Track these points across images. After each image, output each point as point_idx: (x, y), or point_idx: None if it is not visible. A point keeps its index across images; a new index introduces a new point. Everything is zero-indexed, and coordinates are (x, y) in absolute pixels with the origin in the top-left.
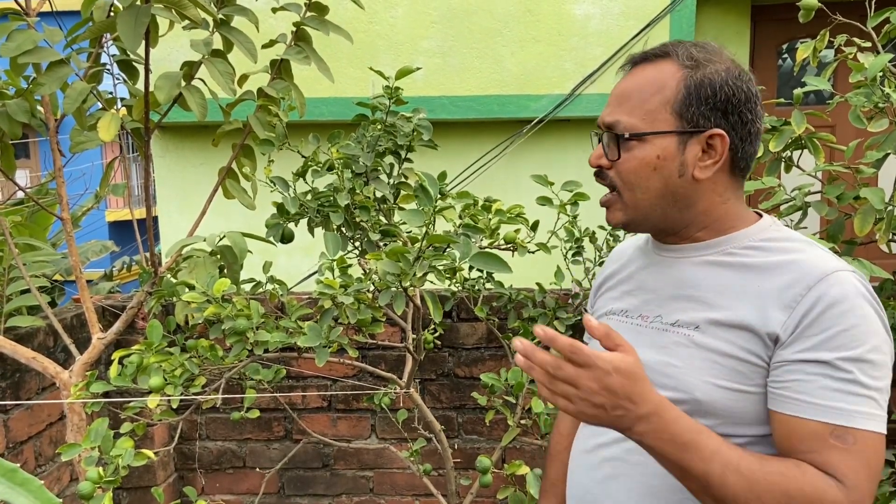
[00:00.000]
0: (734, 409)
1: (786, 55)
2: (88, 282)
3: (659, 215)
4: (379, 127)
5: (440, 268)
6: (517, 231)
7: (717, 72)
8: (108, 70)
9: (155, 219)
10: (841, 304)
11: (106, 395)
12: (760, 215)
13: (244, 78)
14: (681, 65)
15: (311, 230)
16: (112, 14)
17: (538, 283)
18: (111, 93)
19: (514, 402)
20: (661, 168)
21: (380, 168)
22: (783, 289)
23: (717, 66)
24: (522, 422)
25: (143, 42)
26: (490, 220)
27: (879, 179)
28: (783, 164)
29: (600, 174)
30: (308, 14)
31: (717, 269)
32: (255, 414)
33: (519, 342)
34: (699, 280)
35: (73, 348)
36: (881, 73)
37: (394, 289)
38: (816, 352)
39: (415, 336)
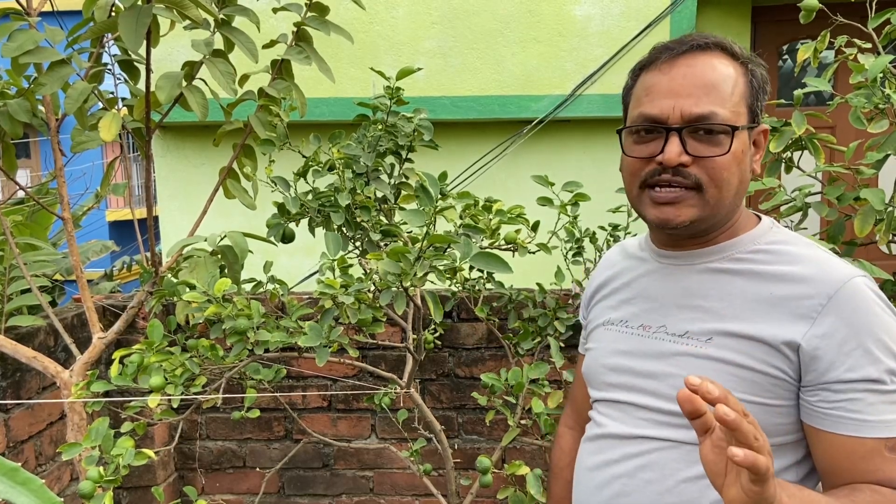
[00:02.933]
0: None
1: (786, 56)
2: (89, 281)
3: (725, 213)
4: (380, 127)
5: (441, 268)
6: (518, 231)
7: (761, 66)
8: (110, 70)
9: (156, 218)
10: (866, 315)
11: (106, 394)
12: (759, 217)
13: (245, 78)
14: (736, 57)
15: (311, 230)
16: (113, 14)
17: (539, 284)
18: (112, 93)
19: (514, 402)
20: (741, 163)
21: (381, 168)
22: (799, 298)
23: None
24: (522, 422)
25: (145, 42)
26: (491, 220)
27: (880, 180)
28: (783, 164)
29: (678, 173)
30: (309, 14)
31: (725, 277)
32: (256, 414)
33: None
34: (706, 289)
35: (73, 348)
36: (881, 75)
37: (394, 289)
38: (862, 369)
39: (415, 336)
